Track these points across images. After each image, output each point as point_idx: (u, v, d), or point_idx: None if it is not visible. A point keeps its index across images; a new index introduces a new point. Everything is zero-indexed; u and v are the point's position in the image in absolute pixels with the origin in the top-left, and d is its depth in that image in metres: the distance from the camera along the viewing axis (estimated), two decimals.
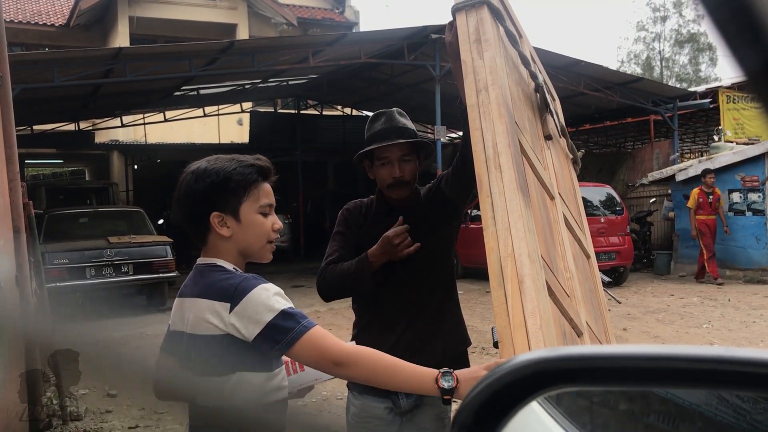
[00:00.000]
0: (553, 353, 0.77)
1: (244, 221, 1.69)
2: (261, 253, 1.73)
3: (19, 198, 3.12)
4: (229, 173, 1.67)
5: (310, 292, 11.55)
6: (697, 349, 0.66)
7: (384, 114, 2.51)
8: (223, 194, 1.66)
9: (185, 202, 1.70)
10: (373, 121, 2.52)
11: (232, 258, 1.71)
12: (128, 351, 4.82)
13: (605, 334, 2.71)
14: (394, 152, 2.42)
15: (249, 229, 1.69)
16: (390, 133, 2.43)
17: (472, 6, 2.06)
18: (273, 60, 12.08)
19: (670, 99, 15.54)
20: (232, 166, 1.68)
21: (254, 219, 1.70)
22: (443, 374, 1.54)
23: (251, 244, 1.71)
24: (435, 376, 1.54)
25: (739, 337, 7.47)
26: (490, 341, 2.12)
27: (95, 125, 19.22)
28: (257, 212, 1.70)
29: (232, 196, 1.67)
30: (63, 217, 11.04)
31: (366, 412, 2.42)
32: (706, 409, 0.98)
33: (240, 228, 1.68)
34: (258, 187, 1.70)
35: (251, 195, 1.69)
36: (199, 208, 1.67)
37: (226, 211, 1.67)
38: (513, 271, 1.60)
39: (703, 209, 12.08)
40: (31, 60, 10.72)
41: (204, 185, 1.66)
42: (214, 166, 1.68)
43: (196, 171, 1.69)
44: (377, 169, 2.47)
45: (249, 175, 1.69)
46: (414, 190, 2.51)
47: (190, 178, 1.69)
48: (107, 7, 19.53)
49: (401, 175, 2.42)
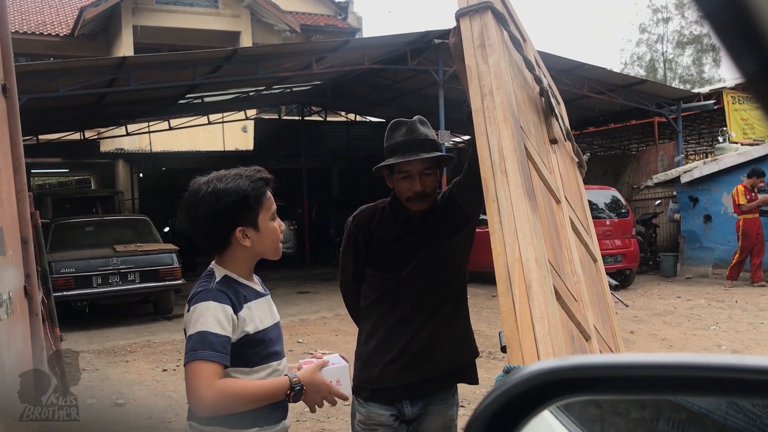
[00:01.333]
0: (564, 363, 0.77)
1: (262, 230, 1.87)
2: (275, 253, 1.93)
3: (26, 209, 3.13)
4: (246, 191, 1.83)
5: (316, 299, 11.54)
6: (707, 358, 0.66)
7: (405, 124, 2.43)
8: (244, 210, 1.84)
9: (208, 221, 1.84)
10: (394, 130, 2.44)
11: (243, 264, 1.89)
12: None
13: (613, 337, 2.70)
14: (415, 166, 2.36)
15: (266, 236, 1.88)
16: (411, 145, 2.36)
17: (476, 11, 2.06)
18: (276, 67, 12.11)
19: (674, 101, 15.50)
20: (246, 183, 1.85)
21: (269, 226, 1.89)
22: (293, 381, 1.81)
23: (268, 247, 1.91)
24: (288, 385, 1.80)
25: (747, 338, 7.43)
26: (497, 345, 2.11)
27: (100, 134, 19.28)
28: (270, 219, 1.89)
29: (251, 210, 1.85)
30: (69, 226, 11.06)
31: (372, 420, 2.41)
32: (716, 414, 0.97)
33: (259, 236, 1.87)
34: (267, 197, 1.89)
35: (264, 205, 1.87)
36: (224, 227, 1.84)
37: (247, 224, 1.85)
38: (520, 276, 1.60)
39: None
40: (37, 70, 10.76)
41: (227, 205, 1.81)
42: (230, 186, 1.83)
43: (214, 192, 1.82)
44: (397, 181, 2.41)
45: (261, 188, 1.87)
46: (434, 200, 2.47)
47: (210, 199, 1.82)
48: (111, 16, 19.62)
49: (422, 189, 2.37)
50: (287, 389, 1.79)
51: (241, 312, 1.81)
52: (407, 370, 2.38)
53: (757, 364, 0.62)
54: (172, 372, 6.77)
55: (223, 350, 1.74)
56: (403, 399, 2.41)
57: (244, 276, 1.90)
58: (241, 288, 1.86)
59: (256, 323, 1.84)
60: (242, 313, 1.81)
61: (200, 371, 1.71)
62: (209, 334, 1.73)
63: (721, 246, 12.45)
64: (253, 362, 1.83)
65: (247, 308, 1.83)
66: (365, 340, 2.48)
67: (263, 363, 1.85)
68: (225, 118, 19.45)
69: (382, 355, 2.41)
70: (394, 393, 2.40)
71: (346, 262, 2.56)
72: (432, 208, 2.44)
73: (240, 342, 1.80)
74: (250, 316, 1.83)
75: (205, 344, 1.73)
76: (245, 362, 1.82)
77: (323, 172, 22.67)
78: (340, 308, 2.77)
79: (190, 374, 1.73)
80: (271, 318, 1.93)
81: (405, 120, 2.46)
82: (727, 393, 0.71)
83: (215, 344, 1.73)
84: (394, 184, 2.43)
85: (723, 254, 12.39)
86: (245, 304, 1.83)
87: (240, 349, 1.79)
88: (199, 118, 18.63)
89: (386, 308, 2.44)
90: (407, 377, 2.38)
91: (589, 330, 2.08)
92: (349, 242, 2.52)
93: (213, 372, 1.72)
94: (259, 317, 1.87)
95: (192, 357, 1.72)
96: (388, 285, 2.42)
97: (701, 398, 0.95)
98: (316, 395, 1.85)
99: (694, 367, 0.65)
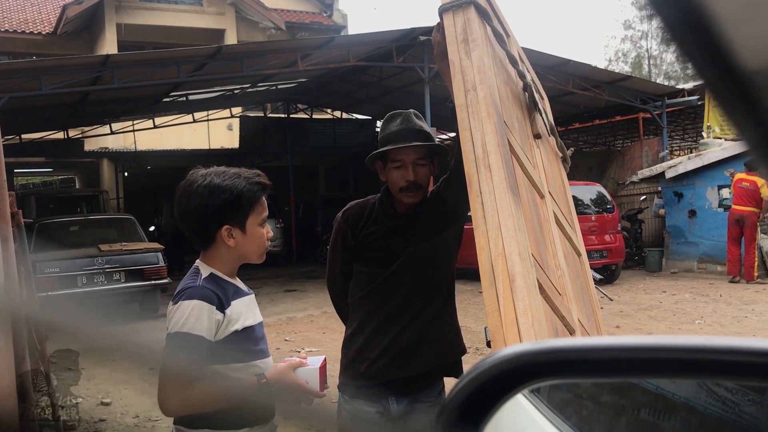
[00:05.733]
0: (534, 347, 0.78)
1: (249, 233, 1.87)
2: (258, 258, 1.93)
3: (6, 207, 3.10)
4: (241, 191, 1.84)
5: (303, 296, 11.52)
6: (676, 339, 0.67)
7: (400, 115, 2.42)
8: (235, 210, 1.84)
9: (197, 214, 1.84)
10: (389, 122, 2.44)
11: (228, 263, 1.89)
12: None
13: (597, 331, 2.72)
14: (409, 155, 2.34)
15: (252, 240, 1.88)
16: (406, 135, 2.35)
17: (459, 6, 2.06)
18: (262, 64, 12.07)
19: (658, 97, 15.61)
20: (243, 184, 1.85)
21: (256, 231, 1.88)
22: (261, 383, 1.81)
23: (252, 252, 1.91)
24: (255, 385, 1.80)
25: (732, 332, 7.50)
26: (483, 341, 2.12)
27: (84, 133, 19.14)
28: (259, 225, 1.89)
29: (242, 211, 1.85)
30: (53, 225, 10.96)
31: (358, 416, 2.40)
32: (695, 401, 0.98)
33: (244, 239, 1.87)
34: (260, 202, 1.89)
35: (256, 210, 1.88)
36: (211, 221, 1.84)
37: (234, 224, 1.85)
38: (504, 270, 1.61)
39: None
40: (18, 68, 10.65)
41: (219, 201, 1.82)
42: (226, 183, 1.83)
43: (209, 185, 1.83)
44: (390, 172, 2.39)
45: (257, 192, 1.87)
46: (425, 195, 2.45)
47: (204, 191, 1.82)
48: (94, 14, 19.45)
49: (415, 178, 2.34)
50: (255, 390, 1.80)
51: (228, 309, 1.81)
52: (393, 367, 2.37)
53: (722, 345, 0.63)
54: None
55: (200, 353, 1.74)
56: (388, 396, 2.40)
57: (228, 275, 1.90)
58: (227, 286, 1.87)
59: (243, 320, 1.85)
60: (229, 310, 1.81)
61: (171, 376, 1.74)
62: (189, 336, 1.73)
63: (706, 241, 12.58)
64: (243, 358, 1.84)
65: (234, 305, 1.84)
66: (351, 336, 2.48)
67: (251, 360, 1.86)
68: (210, 116, 19.36)
69: (368, 351, 2.40)
70: (380, 389, 2.39)
71: (335, 258, 2.55)
72: (422, 204, 2.42)
73: (228, 339, 1.80)
74: (237, 312, 1.84)
75: (183, 348, 1.74)
76: (235, 359, 1.83)
77: (310, 169, 22.63)
78: (327, 306, 2.76)
79: (162, 377, 1.75)
80: (255, 317, 1.94)
81: (401, 111, 2.45)
82: (695, 374, 0.72)
83: (193, 347, 1.73)
84: (387, 176, 2.41)
85: (707, 249, 12.51)
86: (232, 301, 1.84)
87: (229, 346, 1.80)
88: (183, 116, 18.54)
89: (374, 304, 2.43)
90: (393, 373, 2.38)
91: (573, 323, 2.09)
92: (337, 237, 2.51)
93: (184, 377, 1.74)
94: (245, 314, 1.88)
95: (166, 361, 1.75)
96: (375, 281, 2.41)
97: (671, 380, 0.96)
98: (288, 395, 1.85)
99: (661, 349, 0.66)
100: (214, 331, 1.78)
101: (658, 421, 1.03)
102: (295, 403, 1.88)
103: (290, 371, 1.85)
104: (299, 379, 1.84)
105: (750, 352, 0.61)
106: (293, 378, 1.84)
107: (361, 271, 2.47)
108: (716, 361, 0.62)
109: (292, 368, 1.86)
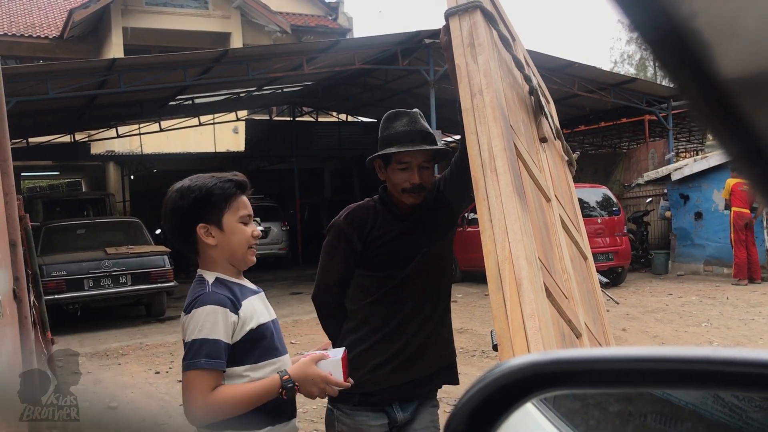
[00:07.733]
0: (544, 357, 0.78)
1: (227, 230, 1.87)
2: (245, 258, 1.92)
3: (15, 211, 3.12)
4: (210, 188, 1.86)
5: (309, 299, 11.35)
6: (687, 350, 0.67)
7: (406, 114, 2.36)
8: (207, 207, 1.86)
9: (172, 217, 1.89)
10: (392, 120, 2.36)
11: (222, 266, 1.90)
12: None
13: (604, 334, 2.71)
14: (416, 158, 2.28)
15: (232, 237, 1.88)
16: (414, 136, 2.30)
17: (465, 10, 2.07)
18: (267, 68, 12.09)
19: (664, 99, 15.56)
20: (212, 182, 1.88)
21: (236, 227, 1.89)
22: (284, 379, 1.81)
23: (236, 250, 1.89)
24: (279, 383, 1.80)
25: (738, 335, 7.47)
26: (489, 345, 2.11)
27: (91, 136, 19.20)
28: (238, 221, 1.89)
29: (215, 208, 1.86)
30: (60, 228, 11.01)
31: (359, 431, 2.31)
32: (702, 408, 0.98)
33: (224, 236, 1.87)
34: (237, 200, 1.90)
35: (231, 206, 1.88)
36: (186, 222, 1.87)
37: (210, 222, 1.86)
38: (511, 274, 1.61)
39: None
40: (26, 72, 10.71)
41: (189, 201, 1.86)
42: (196, 183, 1.88)
43: (180, 189, 1.89)
44: (393, 172, 2.32)
45: (228, 188, 1.89)
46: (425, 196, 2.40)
47: (176, 195, 1.88)
48: (101, 18, 19.53)
49: (420, 181, 2.30)
50: (279, 387, 1.79)
51: (241, 310, 1.82)
52: (399, 371, 2.32)
53: (732, 357, 0.63)
54: (165, 374, 6.74)
55: (220, 357, 1.76)
56: (393, 402, 2.34)
57: (233, 276, 1.91)
58: (235, 287, 1.88)
59: (257, 318, 1.86)
60: (242, 310, 1.82)
61: (195, 382, 1.75)
62: (207, 342, 1.75)
63: (712, 243, 12.53)
64: (258, 358, 1.85)
65: (245, 304, 1.85)
66: (352, 344, 2.32)
67: (267, 358, 1.87)
68: (216, 119, 19.41)
69: (370, 358, 2.32)
70: (385, 396, 2.33)
71: (332, 264, 2.43)
72: (423, 203, 2.38)
73: (244, 339, 1.81)
74: (250, 311, 1.85)
75: (201, 352, 1.75)
76: (251, 359, 1.84)
77: (315, 172, 22.65)
78: None
79: (186, 384, 1.77)
80: (268, 314, 1.94)
81: (405, 110, 2.39)
82: (706, 385, 0.72)
83: (212, 351, 1.75)
84: (389, 176, 2.35)
85: (714, 251, 12.46)
86: (243, 301, 1.85)
87: (245, 345, 1.81)
88: (189, 119, 18.57)
89: (387, 309, 2.34)
90: (399, 378, 2.32)
91: (579, 327, 2.09)
92: (339, 243, 2.40)
93: (208, 382, 1.75)
94: (258, 312, 1.89)
95: (188, 367, 1.76)
96: (388, 285, 2.33)
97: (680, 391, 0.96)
98: (312, 387, 1.84)
99: (672, 360, 0.66)
100: (231, 332, 1.79)
101: (665, 428, 1.03)
102: (321, 395, 1.90)
103: (312, 364, 1.85)
104: (322, 372, 1.85)
105: (757, 364, 0.61)
106: (316, 371, 1.84)
107: (368, 276, 2.37)
108: (723, 372, 0.62)
109: (314, 361, 1.86)
